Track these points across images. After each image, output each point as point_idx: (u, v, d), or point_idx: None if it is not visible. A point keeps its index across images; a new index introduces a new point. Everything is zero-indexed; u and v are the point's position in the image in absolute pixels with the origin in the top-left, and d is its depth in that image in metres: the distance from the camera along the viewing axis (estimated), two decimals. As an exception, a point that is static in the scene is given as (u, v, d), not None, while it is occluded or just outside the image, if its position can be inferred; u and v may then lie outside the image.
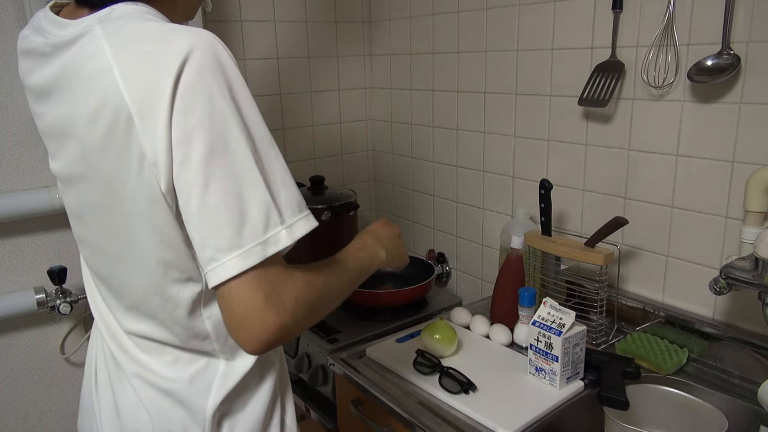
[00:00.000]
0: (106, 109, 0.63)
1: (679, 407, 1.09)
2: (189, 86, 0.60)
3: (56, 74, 0.70)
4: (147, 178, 0.64)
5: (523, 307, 1.25)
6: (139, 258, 0.73)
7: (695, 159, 1.17)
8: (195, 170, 0.61)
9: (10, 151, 1.44)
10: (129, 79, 0.61)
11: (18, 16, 1.38)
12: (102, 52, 0.63)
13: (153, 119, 0.61)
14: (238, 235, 0.62)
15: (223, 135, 0.62)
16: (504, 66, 1.52)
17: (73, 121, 0.68)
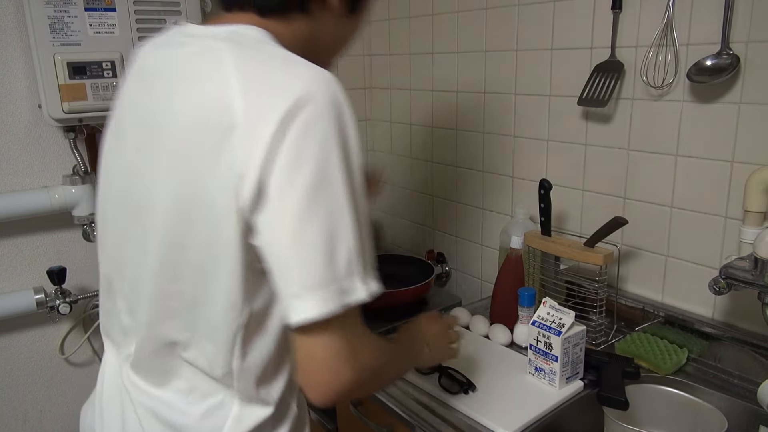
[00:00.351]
0: (212, 113, 0.63)
1: (679, 407, 1.09)
2: (306, 122, 0.60)
3: (171, 65, 0.70)
4: (228, 186, 0.62)
5: (522, 307, 1.25)
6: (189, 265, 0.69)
7: (695, 159, 1.17)
8: (297, 200, 0.60)
9: (9, 151, 1.44)
10: (246, 93, 0.61)
11: (17, 16, 1.38)
12: (226, 62, 0.64)
13: (256, 137, 0.60)
14: (325, 274, 0.61)
15: (329, 175, 0.61)
16: (503, 66, 1.52)
17: (168, 116, 0.68)
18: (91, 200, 1.47)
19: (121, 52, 1.36)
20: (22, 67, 1.42)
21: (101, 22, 1.33)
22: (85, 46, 1.32)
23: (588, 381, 1.10)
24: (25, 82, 1.43)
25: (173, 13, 1.41)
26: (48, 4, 1.27)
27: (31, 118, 1.45)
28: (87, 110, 1.35)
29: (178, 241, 0.68)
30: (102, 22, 1.33)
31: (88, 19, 1.32)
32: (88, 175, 1.48)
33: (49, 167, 1.50)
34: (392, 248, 2.08)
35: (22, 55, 1.41)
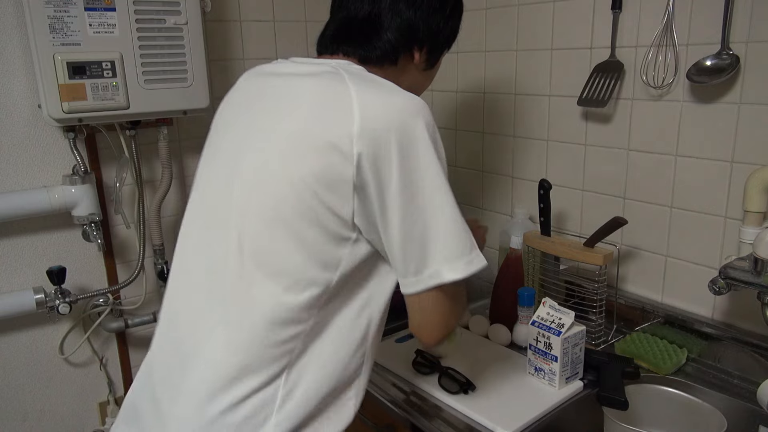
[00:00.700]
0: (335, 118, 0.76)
1: (679, 407, 1.09)
2: (412, 135, 0.75)
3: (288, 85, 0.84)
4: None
5: (522, 307, 1.25)
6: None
7: (694, 159, 1.17)
8: (428, 195, 0.77)
9: (9, 151, 1.44)
10: (365, 108, 0.75)
11: (17, 16, 1.38)
12: (346, 82, 0.78)
13: (375, 140, 0.74)
14: (458, 249, 0.78)
15: (436, 178, 0.78)
16: (503, 66, 1.52)
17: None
18: (91, 200, 1.47)
19: (121, 52, 1.36)
20: (22, 67, 1.42)
21: (101, 21, 1.33)
22: (85, 46, 1.32)
23: (588, 381, 1.10)
24: (25, 82, 1.43)
25: (173, 13, 1.41)
26: (48, 4, 1.27)
27: (30, 118, 1.45)
28: (87, 110, 1.34)
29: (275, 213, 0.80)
30: (102, 21, 1.33)
31: (88, 19, 1.32)
32: (87, 175, 1.48)
33: (48, 167, 1.49)
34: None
35: (22, 54, 1.41)
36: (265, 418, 0.76)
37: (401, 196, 0.75)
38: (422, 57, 0.93)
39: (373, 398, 1.13)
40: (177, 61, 1.44)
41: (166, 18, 1.41)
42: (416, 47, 0.91)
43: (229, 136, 0.87)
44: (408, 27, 0.89)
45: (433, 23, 0.91)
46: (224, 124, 0.91)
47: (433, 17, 0.91)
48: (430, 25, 0.91)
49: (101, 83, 1.35)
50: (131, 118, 1.47)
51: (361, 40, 0.88)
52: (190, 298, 0.85)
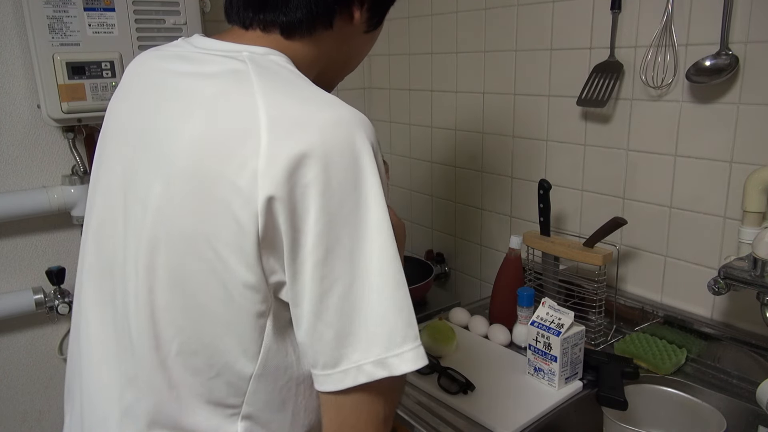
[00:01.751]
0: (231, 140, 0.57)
1: (678, 407, 1.09)
2: (323, 168, 0.54)
3: (182, 82, 0.65)
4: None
5: (521, 308, 1.25)
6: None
7: (694, 159, 1.17)
8: (359, 254, 0.56)
9: (8, 151, 1.44)
10: (271, 129, 0.55)
11: (16, 16, 1.38)
12: (251, 87, 0.58)
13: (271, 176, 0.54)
14: (397, 334, 0.57)
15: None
16: (503, 66, 1.52)
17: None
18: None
19: (120, 52, 1.36)
20: (21, 67, 1.42)
21: (100, 22, 1.33)
22: (84, 46, 1.32)
23: (587, 381, 1.10)
24: (24, 83, 1.43)
25: (172, 13, 1.41)
26: (47, 4, 1.26)
27: (30, 118, 1.45)
28: (86, 110, 1.34)
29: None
30: (101, 22, 1.33)
31: (87, 19, 1.32)
32: (87, 175, 1.48)
33: (47, 167, 1.49)
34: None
35: (21, 55, 1.41)
36: None
37: (318, 255, 0.54)
38: (363, 15, 0.70)
39: (372, 398, 1.13)
40: (176, 62, 1.44)
41: (166, 18, 1.41)
42: (356, 4, 0.69)
43: (122, 148, 0.69)
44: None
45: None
46: (116, 127, 0.72)
47: None
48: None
49: (100, 83, 1.35)
50: (130, 119, 1.47)
51: (279, 3, 0.66)
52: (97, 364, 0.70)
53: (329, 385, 0.57)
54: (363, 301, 0.56)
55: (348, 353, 0.56)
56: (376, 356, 0.56)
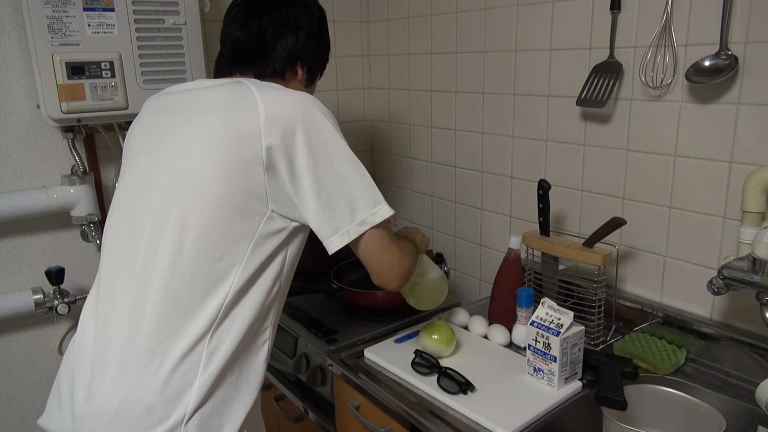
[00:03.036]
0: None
1: (678, 407, 1.09)
2: (308, 123, 0.92)
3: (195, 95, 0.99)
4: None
5: (521, 308, 1.25)
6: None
7: (693, 159, 1.18)
8: (338, 159, 0.94)
9: (8, 151, 1.44)
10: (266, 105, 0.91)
11: (16, 16, 1.38)
12: (250, 87, 0.94)
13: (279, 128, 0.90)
14: (377, 197, 0.96)
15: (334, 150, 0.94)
16: (502, 66, 1.52)
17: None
18: (90, 200, 1.47)
19: (120, 52, 1.36)
20: (21, 67, 1.42)
21: (100, 22, 1.33)
22: (84, 46, 1.32)
23: (586, 381, 1.10)
24: (24, 83, 1.43)
25: (172, 13, 1.41)
26: (46, 4, 1.26)
27: (29, 118, 1.45)
28: (85, 110, 1.34)
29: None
30: (100, 22, 1.33)
31: (87, 19, 1.32)
32: (86, 175, 1.48)
33: (47, 167, 1.49)
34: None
35: (21, 55, 1.41)
36: (192, 379, 0.88)
37: (314, 166, 0.90)
38: (304, 74, 1.11)
39: (372, 399, 1.13)
40: (176, 62, 1.44)
41: (165, 18, 1.41)
42: (299, 65, 1.09)
43: (143, 153, 0.99)
44: (291, 49, 1.07)
45: (311, 46, 1.10)
46: (136, 147, 1.02)
47: (311, 42, 1.10)
48: (309, 48, 1.10)
49: (100, 83, 1.35)
50: (130, 119, 1.46)
51: (254, 60, 1.05)
52: (119, 279, 0.95)
53: (337, 243, 0.93)
54: (354, 183, 0.93)
55: (359, 212, 0.93)
56: (359, 219, 0.93)
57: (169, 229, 0.90)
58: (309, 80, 1.14)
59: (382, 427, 1.12)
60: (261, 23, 1.05)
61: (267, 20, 1.06)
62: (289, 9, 1.07)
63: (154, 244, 0.90)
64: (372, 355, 1.24)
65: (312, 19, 1.10)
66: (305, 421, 1.48)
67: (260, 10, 1.07)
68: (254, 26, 1.05)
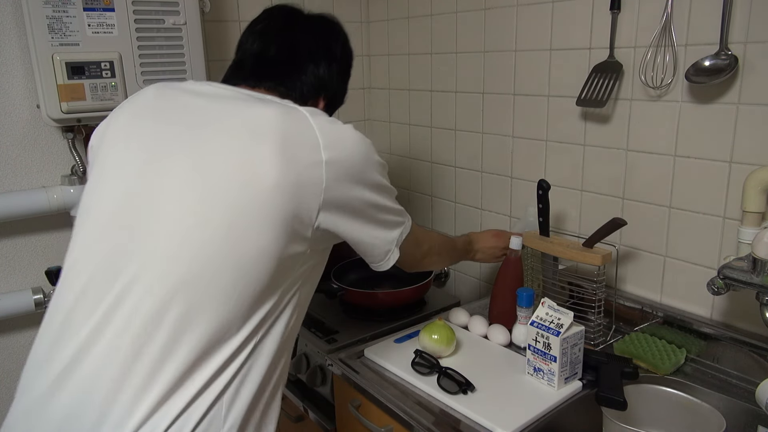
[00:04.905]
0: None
1: (678, 407, 1.09)
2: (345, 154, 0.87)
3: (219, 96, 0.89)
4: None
5: (521, 308, 1.25)
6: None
7: (693, 159, 1.18)
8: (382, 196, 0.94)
9: (8, 151, 1.44)
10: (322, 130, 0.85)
11: (16, 16, 1.38)
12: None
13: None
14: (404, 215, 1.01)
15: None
16: (502, 66, 1.52)
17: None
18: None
19: (120, 52, 1.36)
20: (21, 67, 1.42)
21: (100, 22, 1.33)
22: (84, 46, 1.32)
23: (586, 381, 1.10)
24: (24, 83, 1.43)
25: (172, 13, 1.41)
26: (46, 4, 1.26)
27: (29, 118, 1.45)
28: (85, 110, 1.34)
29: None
30: (101, 22, 1.33)
31: (87, 19, 1.32)
32: (86, 175, 1.48)
33: (47, 167, 1.49)
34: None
35: (21, 55, 1.41)
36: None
37: (365, 209, 0.90)
38: (323, 107, 1.05)
39: (372, 399, 1.13)
40: (176, 62, 1.44)
41: (165, 18, 1.41)
42: (323, 97, 1.03)
43: (146, 165, 0.83)
44: (322, 77, 1.01)
45: (338, 83, 1.06)
46: (129, 150, 0.85)
47: (339, 78, 1.06)
48: (336, 84, 1.05)
49: (100, 83, 1.35)
50: (130, 119, 1.47)
51: (282, 78, 0.97)
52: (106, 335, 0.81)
53: (394, 245, 0.97)
54: (389, 213, 0.96)
55: (395, 230, 0.98)
56: (395, 237, 0.98)
57: (165, 316, 0.76)
58: (328, 113, 1.08)
59: (382, 427, 1.12)
60: (295, 42, 0.99)
61: (303, 42, 1.00)
62: (329, 38, 1.03)
63: (136, 315, 0.77)
64: (372, 355, 1.24)
65: (346, 56, 1.08)
66: (305, 420, 1.48)
67: (298, 30, 1.01)
68: (286, 44, 0.98)
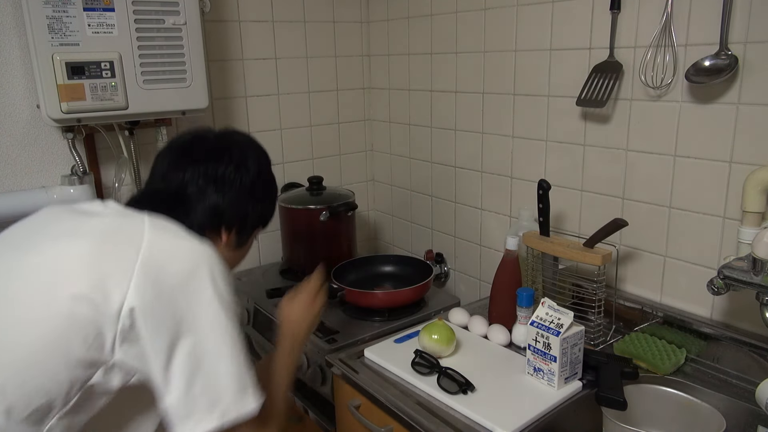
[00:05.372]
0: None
1: (677, 407, 1.09)
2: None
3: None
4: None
5: (521, 308, 1.25)
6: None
7: (693, 159, 1.18)
8: (210, 340, 0.82)
9: (8, 151, 1.44)
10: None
11: (16, 16, 1.38)
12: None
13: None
14: (243, 384, 0.84)
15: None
16: (502, 66, 1.52)
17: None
18: (90, 200, 1.47)
19: (120, 52, 1.36)
20: (21, 67, 1.42)
21: (100, 22, 1.33)
22: (84, 46, 1.32)
23: (586, 381, 1.10)
24: (24, 83, 1.43)
25: (172, 13, 1.41)
26: (46, 4, 1.26)
27: (29, 118, 1.45)
28: (85, 110, 1.34)
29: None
30: (101, 22, 1.33)
31: (87, 19, 1.32)
32: (86, 175, 1.48)
33: (47, 167, 1.49)
34: (391, 248, 2.08)
35: (21, 55, 1.41)
36: None
37: (178, 344, 0.78)
38: (231, 238, 0.97)
39: (372, 399, 1.13)
40: (176, 62, 1.44)
41: (165, 18, 1.41)
42: (223, 229, 0.95)
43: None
44: (214, 210, 0.93)
45: (241, 208, 0.96)
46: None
47: (242, 202, 0.95)
48: (239, 210, 0.95)
49: (100, 83, 1.35)
50: (130, 119, 1.47)
51: (167, 214, 0.89)
52: None
53: (210, 425, 0.79)
54: (221, 366, 0.81)
55: (220, 401, 0.80)
56: (220, 410, 0.80)
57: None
58: (239, 241, 1.00)
59: (382, 427, 1.12)
60: (183, 177, 0.93)
61: (189, 175, 0.93)
62: (217, 165, 0.94)
63: None
64: (372, 355, 1.24)
65: (245, 176, 0.96)
66: (305, 421, 1.48)
67: (185, 162, 0.94)
68: (175, 179, 0.93)
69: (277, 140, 1.87)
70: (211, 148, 0.97)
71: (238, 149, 0.98)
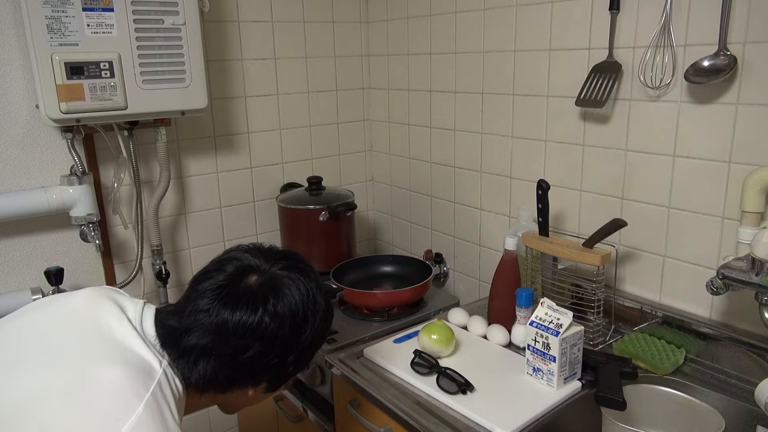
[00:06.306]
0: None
1: (677, 407, 1.09)
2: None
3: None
4: None
5: (520, 308, 1.25)
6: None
7: (692, 159, 1.18)
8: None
9: (7, 151, 1.44)
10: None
11: (15, 16, 1.38)
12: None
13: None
14: None
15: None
16: (501, 67, 1.52)
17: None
18: (89, 201, 1.47)
19: (119, 53, 1.36)
20: (20, 67, 1.42)
21: (99, 22, 1.33)
22: (83, 47, 1.32)
23: (586, 381, 1.10)
24: (23, 83, 1.43)
25: (171, 13, 1.41)
26: (46, 4, 1.26)
27: (28, 118, 1.45)
28: (85, 110, 1.34)
29: None
30: (100, 22, 1.33)
31: (86, 19, 1.32)
32: (85, 175, 1.48)
33: (46, 168, 1.49)
34: (390, 248, 2.08)
35: (20, 55, 1.41)
36: None
37: None
38: (259, 389, 0.86)
39: (371, 399, 1.13)
40: (175, 62, 1.44)
41: (165, 18, 1.41)
42: (251, 386, 0.84)
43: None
44: (243, 370, 0.81)
45: (276, 364, 0.83)
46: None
47: (277, 360, 0.82)
48: (272, 366, 0.83)
49: (99, 83, 1.34)
50: (129, 119, 1.47)
51: (186, 360, 0.80)
52: None
53: None
54: None
55: None
56: None
57: None
58: (269, 389, 0.88)
59: (381, 427, 1.12)
60: (207, 323, 0.80)
61: (195, 338, 0.80)
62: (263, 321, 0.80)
63: None
64: (371, 355, 1.24)
65: (297, 327, 0.83)
66: (305, 421, 1.48)
67: (221, 305, 0.80)
68: (196, 323, 0.81)
69: (276, 140, 1.87)
70: (265, 294, 0.81)
71: (300, 290, 0.84)
